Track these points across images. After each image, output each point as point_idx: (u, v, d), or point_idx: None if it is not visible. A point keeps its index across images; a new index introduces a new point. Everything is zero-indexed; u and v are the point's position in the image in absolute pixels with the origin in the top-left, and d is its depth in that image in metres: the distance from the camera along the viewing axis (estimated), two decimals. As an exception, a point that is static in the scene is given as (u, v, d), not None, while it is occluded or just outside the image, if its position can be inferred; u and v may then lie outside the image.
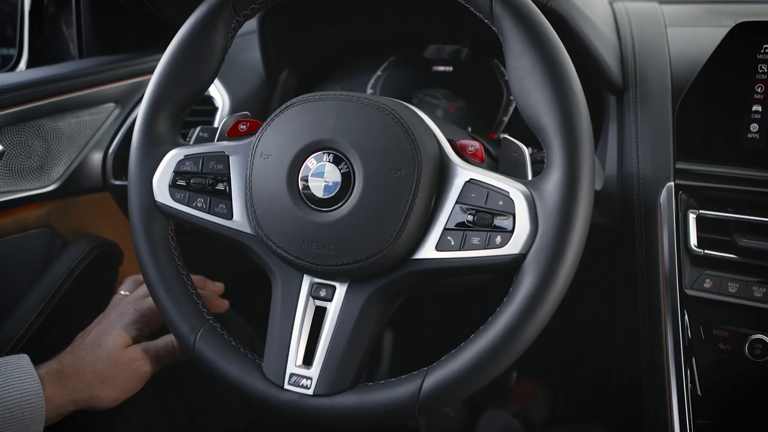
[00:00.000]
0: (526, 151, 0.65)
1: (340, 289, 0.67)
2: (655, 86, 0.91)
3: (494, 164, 0.69)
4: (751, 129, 0.81)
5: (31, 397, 0.70)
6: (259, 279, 0.76)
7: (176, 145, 0.75)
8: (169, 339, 0.80)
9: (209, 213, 0.72)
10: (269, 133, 0.69)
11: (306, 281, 0.68)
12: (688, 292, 0.80)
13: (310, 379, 0.66)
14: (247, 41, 1.16)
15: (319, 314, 0.68)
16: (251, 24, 1.09)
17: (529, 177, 0.64)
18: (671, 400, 0.79)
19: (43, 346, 0.96)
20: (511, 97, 1.07)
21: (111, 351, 0.77)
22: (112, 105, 1.17)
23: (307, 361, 0.67)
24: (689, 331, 0.79)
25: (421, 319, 1.46)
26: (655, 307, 0.83)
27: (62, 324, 1.01)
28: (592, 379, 1.39)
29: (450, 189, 0.64)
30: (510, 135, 0.67)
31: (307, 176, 0.66)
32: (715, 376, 0.78)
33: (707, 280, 0.79)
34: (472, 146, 0.66)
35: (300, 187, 0.66)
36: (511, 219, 0.60)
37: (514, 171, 0.65)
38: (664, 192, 0.84)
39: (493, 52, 1.10)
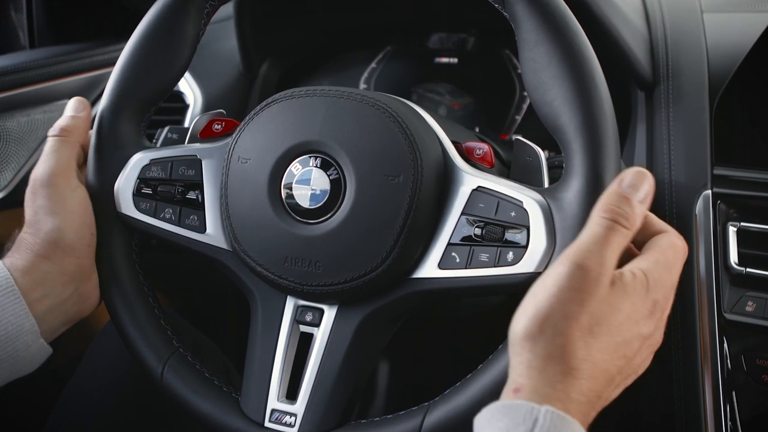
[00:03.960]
0: (542, 154, 0.65)
1: (329, 313, 0.67)
2: (689, 80, 0.91)
3: (505, 170, 0.70)
4: (800, 129, 0.81)
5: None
6: (236, 301, 0.76)
7: (141, 147, 0.75)
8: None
9: (179, 225, 0.72)
10: (247, 134, 0.69)
11: (290, 304, 0.69)
12: (728, 316, 0.80)
13: (295, 415, 0.66)
14: (223, 29, 1.16)
15: (305, 341, 0.68)
16: (227, 9, 1.10)
17: (546, 184, 0.64)
18: (708, 441, 0.79)
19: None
20: (525, 93, 1.07)
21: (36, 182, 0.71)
22: (67, 102, 1.17)
23: (291, 395, 0.67)
24: (729, 362, 0.79)
25: (422, 346, 1.46)
26: (690, 333, 0.82)
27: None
28: (616, 425, 1.38)
29: (455, 198, 0.64)
30: (523, 136, 0.68)
31: (291, 183, 0.66)
32: (759, 412, 0.78)
33: (749, 303, 0.79)
34: (480, 149, 0.66)
35: (283, 195, 0.66)
36: (525, 232, 0.60)
37: (529, 177, 0.65)
38: (700, 201, 0.84)
39: (504, 41, 1.11)
